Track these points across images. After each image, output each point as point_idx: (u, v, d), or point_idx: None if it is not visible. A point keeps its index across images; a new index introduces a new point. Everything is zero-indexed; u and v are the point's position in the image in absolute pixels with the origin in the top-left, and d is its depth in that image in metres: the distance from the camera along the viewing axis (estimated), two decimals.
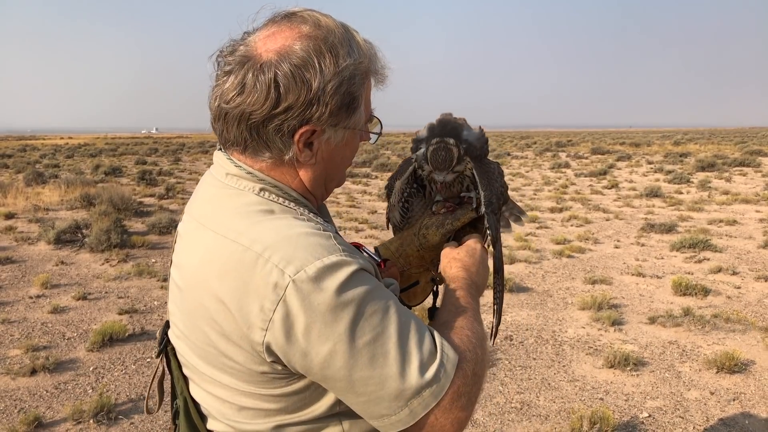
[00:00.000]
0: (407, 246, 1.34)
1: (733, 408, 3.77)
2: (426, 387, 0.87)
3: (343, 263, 0.87)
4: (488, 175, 1.27)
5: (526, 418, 3.66)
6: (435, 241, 1.31)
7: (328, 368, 0.86)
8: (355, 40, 0.98)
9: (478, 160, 1.29)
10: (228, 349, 0.91)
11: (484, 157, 1.33)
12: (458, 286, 1.12)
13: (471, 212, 1.30)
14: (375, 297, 0.88)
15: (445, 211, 1.33)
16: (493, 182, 1.27)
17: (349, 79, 0.94)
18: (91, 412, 3.60)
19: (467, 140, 1.27)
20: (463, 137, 1.27)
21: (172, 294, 1.04)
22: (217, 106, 0.96)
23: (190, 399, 1.05)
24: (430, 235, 1.31)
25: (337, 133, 0.98)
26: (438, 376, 0.88)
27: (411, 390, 0.86)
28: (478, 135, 1.30)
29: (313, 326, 0.84)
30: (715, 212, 11.31)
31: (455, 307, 1.06)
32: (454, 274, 1.17)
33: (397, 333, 0.87)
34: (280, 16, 0.97)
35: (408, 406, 0.87)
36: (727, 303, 5.83)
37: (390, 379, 0.86)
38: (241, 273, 0.87)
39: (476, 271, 1.20)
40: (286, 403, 0.94)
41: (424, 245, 1.32)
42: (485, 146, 1.32)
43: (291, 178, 1.00)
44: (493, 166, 1.32)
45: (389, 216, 1.43)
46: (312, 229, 0.92)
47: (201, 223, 0.98)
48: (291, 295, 0.84)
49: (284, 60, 0.91)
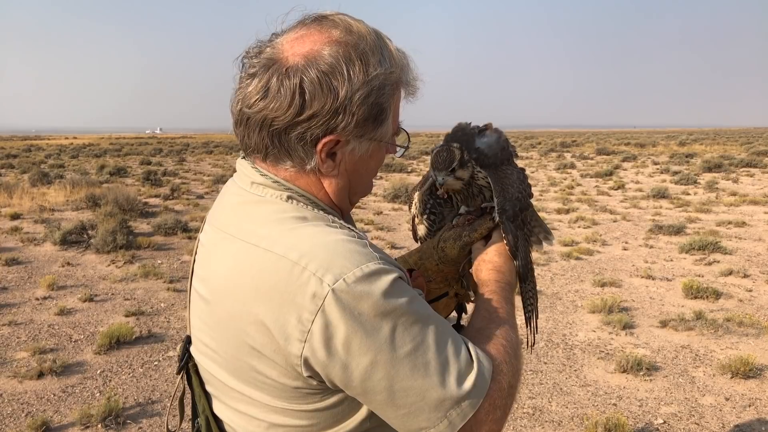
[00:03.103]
0: (426, 260, 1.28)
1: (748, 414, 3.71)
2: (465, 398, 0.85)
3: (383, 271, 0.84)
4: (503, 182, 1.23)
5: (539, 424, 3.61)
6: (453, 254, 1.26)
7: (368, 380, 0.83)
8: (388, 48, 0.93)
9: (494, 167, 1.25)
10: (261, 363, 0.87)
11: (504, 162, 1.28)
12: (492, 290, 1.09)
13: (488, 223, 1.24)
14: (414, 306, 0.86)
15: (464, 223, 1.28)
16: (507, 188, 1.22)
17: (379, 89, 0.90)
18: (100, 417, 3.57)
19: (478, 149, 1.24)
20: (475, 145, 1.24)
21: (197, 308, 1.00)
22: (239, 110, 0.92)
23: (212, 417, 1.01)
24: (448, 248, 1.26)
25: (362, 145, 0.94)
26: (476, 386, 0.86)
27: (451, 400, 0.85)
28: (491, 142, 1.26)
29: (353, 337, 0.81)
30: (724, 213, 11.22)
31: (489, 314, 1.03)
32: (486, 278, 1.13)
33: (436, 343, 0.85)
34: (310, 19, 0.92)
35: (447, 417, 0.85)
36: (739, 306, 5.77)
37: (430, 390, 0.84)
38: (276, 283, 0.83)
39: (508, 269, 1.16)
40: (318, 420, 0.90)
41: (443, 259, 1.27)
42: (503, 152, 1.28)
43: (316, 189, 0.96)
44: (510, 171, 1.27)
45: (414, 228, 1.39)
46: (347, 236, 0.88)
47: (228, 233, 0.94)
48: (330, 305, 0.80)
49: (311, 65, 0.87)
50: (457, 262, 1.27)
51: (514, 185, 1.24)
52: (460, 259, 1.26)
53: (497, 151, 1.27)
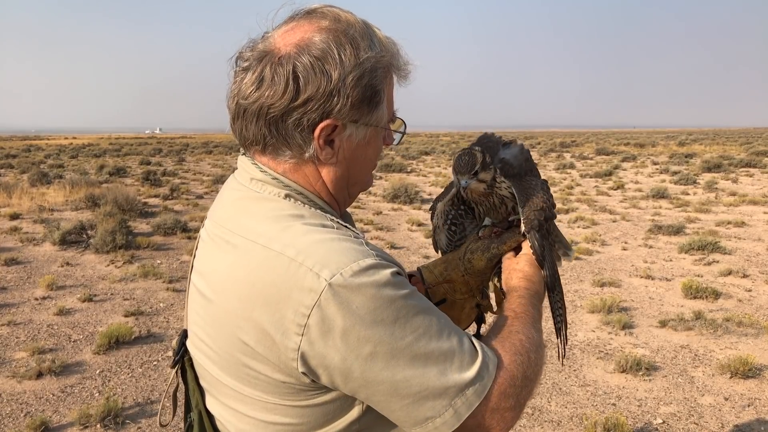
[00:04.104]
0: (452, 270, 1.29)
1: (748, 414, 3.71)
2: (469, 385, 0.86)
3: (379, 266, 0.85)
4: (527, 192, 1.23)
5: (538, 424, 3.61)
6: (480, 266, 1.26)
7: (369, 370, 0.83)
8: (376, 35, 0.95)
9: (519, 177, 1.26)
10: (254, 359, 0.87)
11: (528, 173, 1.29)
12: (519, 296, 1.10)
13: (518, 236, 1.25)
14: (413, 298, 0.86)
15: (492, 235, 1.28)
16: (533, 198, 1.22)
17: (371, 71, 0.92)
18: (99, 417, 3.56)
19: (503, 159, 1.25)
20: (499, 156, 1.25)
21: (194, 302, 1.00)
22: (235, 104, 0.94)
23: (205, 412, 1.01)
24: (475, 260, 1.27)
25: (359, 130, 0.95)
26: (481, 374, 0.87)
27: (455, 388, 0.85)
28: (516, 153, 1.27)
29: (351, 330, 0.82)
30: (723, 214, 11.23)
31: (513, 313, 1.04)
32: (515, 285, 1.14)
33: (438, 334, 0.86)
34: (299, 14, 0.95)
35: (452, 406, 0.85)
36: (739, 306, 5.77)
37: (433, 378, 0.84)
38: (273, 279, 0.84)
39: (538, 280, 1.16)
40: (308, 418, 0.91)
41: (470, 270, 1.27)
42: (527, 162, 1.29)
43: (314, 180, 0.97)
44: (535, 182, 1.27)
45: (435, 239, 1.39)
46: (343, 234, 0.89)
47: (228, 229, 0.95)
48: (327, 299, 0.81)
49: (303, 52, 0.89)
50: (484, 274, 1.27)
51: (539, 195, 1.24)
52: (487, 270, 1.27)
53: (522, 162, 1.28)
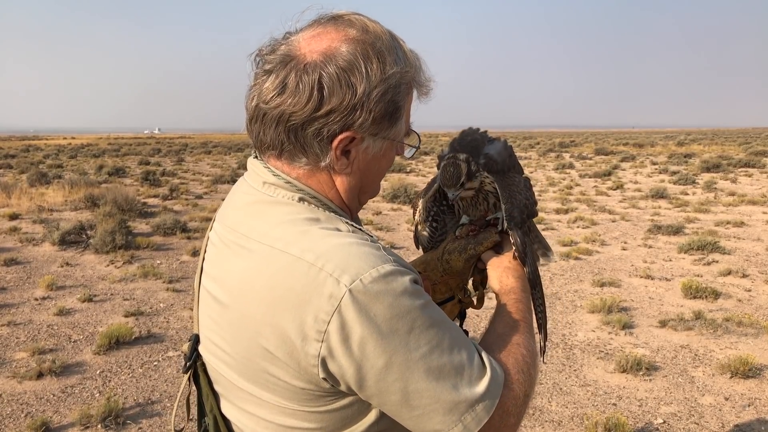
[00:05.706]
0: (431, 271, 1.29)
1: (748, 414, 3.72)
2: (479, 401, 0.86)
3: (398, 272, 0.84)
4: (510, 189, 1.23)
5: (539, 424, 3.62)
6: (458, 267, 1.26)
7: (382, 381, 0.83)
8: (402, 49, 0.94)
9: (501, 173, 1.25)
10: (274, 364, 0.87)
11: (510, 170, 1.29)
12: (516, 298, 1.10)
13: (495, 236, 1.24)
14: (429, 308, 0.86)
15: (468, 235, 1.28)
16: (515, 195, 1.22)
17: (395, 87, 0.91)
18: (99, 417, 3.56)
19: (487, 154, 1.24)
20: (483, 152, 1.25)
21: (207, 307, 0.99)
22: (254, 106, 0.92)
23: (220, 417, 1.00)
24: (453, 260, 1.26)
25: (376, 143, 0.95)
26: (490, 390, 0.87)
27: (465, 404, 0.85)
28: (500, 149, 1.27)
29: (369, 339, 0.81)
30: (722, 214, 11.24)
31: (513, 321, 1.04)
32: (511, 285, 1.14)
33: (450, 347, 0.86)
34: (325, 18, 0.93)
35: (462, 421, 0.85)
36: (738, 306, 5.78)
37: (445, 392, 0.84)
38: (292, 284, 0.83)
39: (524, 276, 1.17)
40: (326, 423, 0.90)
41: (448, 271, 1.27)
42: (510, 159, 1.29)
43: (328, 188, 0.97)
44: (518, 179, 1.28)
45: (417, 235, 1.38)
46: (360, 239, 0.89)
47: (241, 233, 0.93)
48: (347, 305, 0.81)
49: (330, 62, 0.87)
50: (463, 274, 1.27)
51: (521, 192, 1.24)
52: (465, 270, 1.27)
53: (505, 158, 1.27)
